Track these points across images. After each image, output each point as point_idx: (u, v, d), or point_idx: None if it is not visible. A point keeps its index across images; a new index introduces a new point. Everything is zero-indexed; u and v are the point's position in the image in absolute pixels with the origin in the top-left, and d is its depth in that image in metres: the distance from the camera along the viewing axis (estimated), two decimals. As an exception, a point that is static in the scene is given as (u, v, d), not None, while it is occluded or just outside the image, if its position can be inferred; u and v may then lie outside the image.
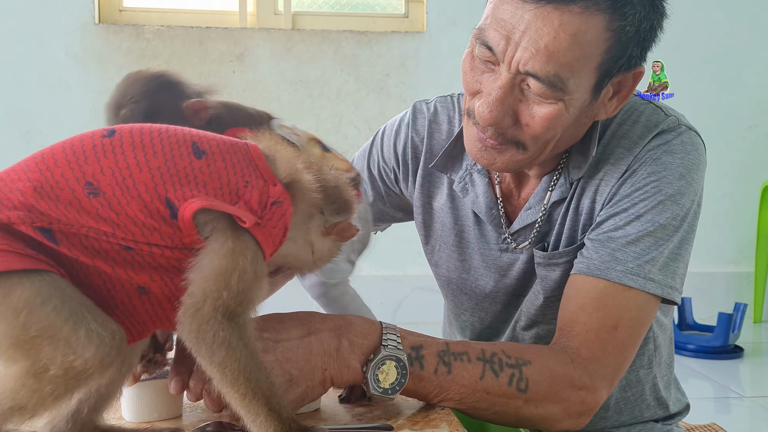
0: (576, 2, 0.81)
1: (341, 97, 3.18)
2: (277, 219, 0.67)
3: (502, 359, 0.83)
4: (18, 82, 3.02)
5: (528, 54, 0.82)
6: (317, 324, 0.77)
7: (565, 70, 0.82)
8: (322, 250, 0.75)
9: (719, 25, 3.32)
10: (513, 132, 0.89)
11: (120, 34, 3.04)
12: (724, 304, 3.17)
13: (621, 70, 0.87)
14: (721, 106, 3.34)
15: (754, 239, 3.34)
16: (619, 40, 0.84)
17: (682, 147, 0.94)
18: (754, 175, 3.36)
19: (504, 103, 0.86)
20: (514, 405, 0.83)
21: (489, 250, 1.07)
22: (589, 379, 0.86)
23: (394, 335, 0.79)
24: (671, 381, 1.14)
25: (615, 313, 0.88)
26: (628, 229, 0.91)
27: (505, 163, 0.92)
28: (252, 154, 0.68)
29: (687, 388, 1.22)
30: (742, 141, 3.38)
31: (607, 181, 0.95)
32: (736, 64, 3.35)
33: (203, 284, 0.63)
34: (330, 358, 0.75)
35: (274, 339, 0.74)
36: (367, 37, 3.16)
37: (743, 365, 2.81)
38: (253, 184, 0.66)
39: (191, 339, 0.63)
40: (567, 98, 0.85)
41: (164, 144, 0.65)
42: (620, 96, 0.91)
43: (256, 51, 3.11)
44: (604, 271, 0.90)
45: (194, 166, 0.64)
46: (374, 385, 0.76)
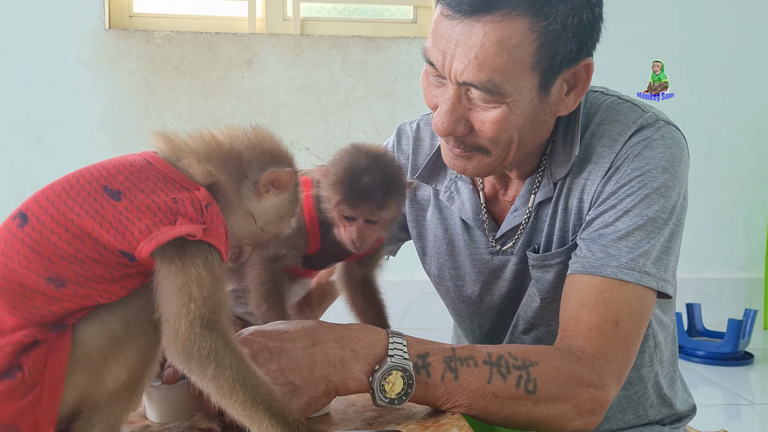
0: (494, 11, 0.85)
1: (349, 102, 3.18)
2: (216, 217, 0.68)
3: (509, 361, 0.83)
4: (29, 88, 3.04)
5: (462, 65, 0.87)
6: (323, 334, 0.78)
7: (497, 76, 0.86)
8: (266, 212, 0.75)
9: (728, 31, 3.31)
10: (472, 138, 0.93)
11: (130, 39, 3.06)
12: (734, 310, 3.15)
13: (562, 66, 0.90)
14: (730, 112, 3.32)
15: (764, 245, 3.32)
16: (546, 40, 0.87)
17: (662, 141, 0.96)
18: (764, 180, 3.35)
19: (454, 113, 0.91)
20: (524, 407, 0.83)
21: (479, 255, 1.09)
22: (597, 375, 0.87)
23: (401, 344, 0.79)
24: (676, 380, 1.14)
25: (615, 309, 0.89)
26: (618, 225, 0.93)
27: (475, 168, 0.96)
28: (160, 169, 0.70)
29: (697, 395, 1.22)
30: (752, 147, 3.37)
31: (592, 180, 0.97)
32: (745, 70, 3.34)
33: (169, 307, 0.64)
34: (334, 368, 0.76)
35: (279, 348, 0.75)
36: (376, 43, 3.17)
37: (753, 372, 2.79)
38: (181, 197, 0.68)
39: (180, 360, 0.65)
40: (509, 101, 0.89)
41: (82, 204, 0.66)
42: (577, 90, 0.94)
43: (265, 56, 3.12)
44: (599, 268, 0.91)
45: (119, 209, 0.66)
46: (380, 396, 0.77)
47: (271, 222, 0.76)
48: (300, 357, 0.75)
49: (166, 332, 0.65)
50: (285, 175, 0.74)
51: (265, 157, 0.74)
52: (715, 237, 3.34)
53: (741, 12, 3.30)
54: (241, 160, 0.73)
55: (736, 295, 3.38)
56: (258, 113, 3.13)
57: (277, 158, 0.76)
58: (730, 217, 3.38)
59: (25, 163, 3.05)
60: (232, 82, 3.11)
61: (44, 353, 0.64)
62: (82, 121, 3.05)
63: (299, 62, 3.14)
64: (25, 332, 0.64)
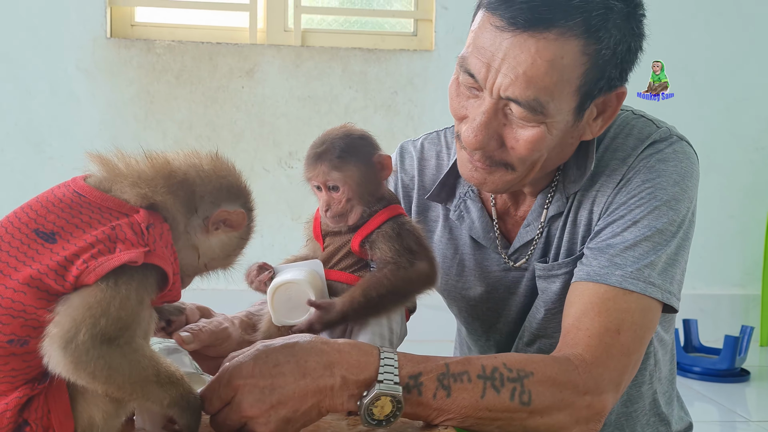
0: (551, 29, 0.84)
1: (349, 113, 3.19)
2: (160, 237, 0.67)
3: (503, 373, 0.82)
4: (29, 95, 3.05)
5: (508, 80, 0.85)
6: (313, 362, 0.77)
7: (544, 95, 0.86)
8: (212, 249, 0.73)
9: (726, 47, 3.33)
10: (500, 154, 0.92)
11: (131, 48, 3.07)
12: (731, 326, 3.15)
13: (601, 91, 0.89)
14: (727, 128, 3.34)
15: (760, 261, 3.32)
16: (595, 64, 0.86)
17: (674, 155, 0.96)
18: (761, 197, 3.35)
19: (488, 128, 0.89)
20: (519, 418, 0.83)
21: (492, 273, 1.08)
22: (594, 383, 0.86)
23: (392, 366, 0.78)
24: (673, 398, 1.13)
25: (617, 317, 0.89)
26: (626, 235, 0.92)
27: (495, 183, 0.95)
28: (92, 200, 0.67)
29: (693, 412, 1.21)
30: (749, 163, 3.38)
31: (603, 192, 0.97)
32: (743, 86, 3.35)
33: (73, 313, 0.62)
34: (324, 396, 0.76)
35: (270, 387, 0.75)
36: (376, 55, 3.18)
37: (750, 389, 2.79)
38: (119, 223, 0.66)
39: (68, 370, 0.63)
40: (549, 121, 0.88)
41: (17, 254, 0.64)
42: (605, 116, 0.94)
43: (266, 67, 3.13)
44: (604, 277, 0.91)
45: (55, 251, 0.64)
46: (367, 419, 0.77)
47: (216, 259, 0.75)
48: (291, 391, 0.75)
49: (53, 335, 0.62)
50: (237, 216, 0.73)
51: (219, 193, 0.72)
52: (712, 253, 3.34)
53: (739, 29, 3.32)
54: (193, 193, 0.71)
55: (732, 312, 3.38)
56: (257, 123, 3.14)
57: (233, 195, 0.73)
58: (727, 233, 3.39)
59: (25, 170, 3.06)
60: (233, 92, 3.12)
61: (43, 402, 0.64)
62: (81, 128, 3.06)
63: (299, 73, 3.15)
64: (18, 394, 0.64)
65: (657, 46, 3.65)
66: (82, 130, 3.06)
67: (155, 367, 0.67)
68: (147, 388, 0.66)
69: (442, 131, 1.17)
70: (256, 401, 0.74)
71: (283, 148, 3.17)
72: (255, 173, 3.14)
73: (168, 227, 0.68)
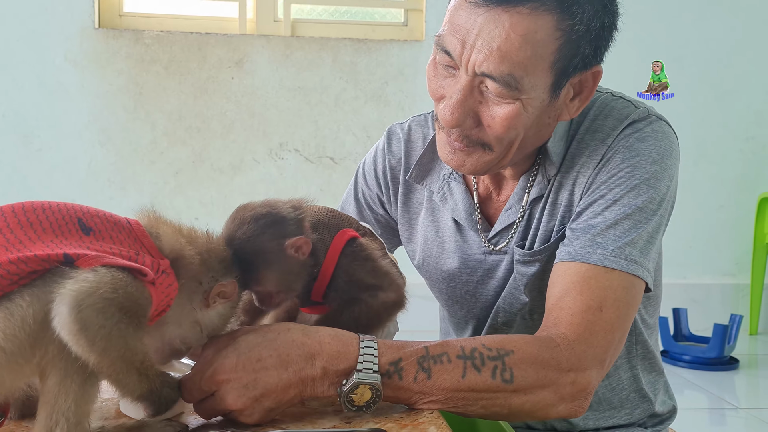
0: (524, 3, 0.84)
1: (339, 104, 3.18)
2: (166, 286, 0.70)
3: (483, 353, 0.82)
4: (17, 86, 3.02)
5: (482, 56, 0.85)
6: (294, 354, 0.77)
7: (518, 70, 0.86)
8: (213, 321, 0.77)
9: (717, 39, 3.33)
10: (477, 133, 0.92)
11: (119, 39, 3.05)
12: (721, 315, 3.17)
13: (576, 69, 0.90)
14: (718, 119, 3.35)
15: (750, 251, 3.34)
16: (569, 39, 0.87)
17: (653, 134, 0.96)
18: (750, 186, 3.37)
19: (465, 105, 0.89)
20: (502, 397, 0.83)
21: (472, 255, 1.09)
22: (577, 360, 0.86)
23: (372, 354, 0.79)
24: (660, 382, 1.14)
25: (599, 295, 0.89)
26: (607, 214, 0.93)
27: (473, 164, 0.95)
28: (136, 232, 0.71)
29: (682, 399, 1.22)
30: (739, 153, 3.39)
31: (584, 173, 0.97)
32: (733, 77, 3.36)
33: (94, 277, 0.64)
34: (305, 386, 0.78)
35: (253, 382, 0.75)
36: (366, 45, 3.17)
37: (739, 377, 2.81)
38: (143, 254, 0.70)
39: (71, 331, 0.62)
40: (524, 97, 0.88)
41: (51, 221, 0.67)
42: (582, 97, 0.94)
43: (255, 57, 3.12)
44: (585, 256, 0.91)
45: (84, 240, 0.67)
46: (347, 406, 0.78)
47: (216, 329, 0.79)
48: (274, 384, 0.76)
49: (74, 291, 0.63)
50: (231, 287, 0.76)
51: (218, 267, 0.76)
52: (703, 243, 3.36)
53: (730, 18, 3.33)
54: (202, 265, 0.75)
55: (722, 301, 3.40)
56: (247, 114, 3.13)
57: (226, 267, 0.77)
58: (717, 223, 3.40)
59: (13, 162, 3.04)
60: (222, 83, 3.11)
61: None
62: (70, 119, 3.04)
63: (289, 63, 3.14)
64: None
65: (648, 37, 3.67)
66: (71, 121, 3.05)
67: (143, 356, 0.68)
68: (130, 373, 0.67)
69: (429, 113, 1.18)
70: (240, 396, 0.75)
71: (274, 139, 3.16)
72: (245, 164, 3.13)
73: (177, 287, 0.72)
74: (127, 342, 0.66)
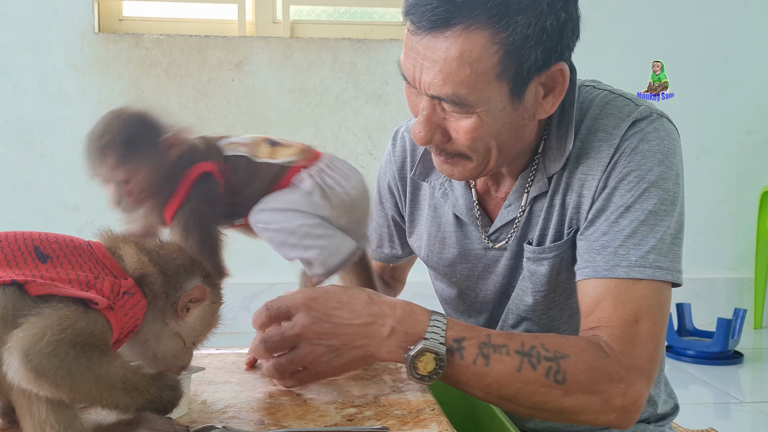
0: (452, 27, 0.86)
1: (339, 104, 3.19)
2: (129, 308, 0.69)
3: (541, 352, 0.86)
4: (18, 91, 3.03)
5: (428, 79, 0.89)
6: (367, 310, 0.85)
7: (462, 89, 0.88)
8: (193, 329, 0.76)
9: (716, 31, 3.33)
10: (451, 146, 0.95)
11: (119, 43, 3.06)
12: (724, 309, 3.17)
13: (532, 72, 0.90)
14: (719, 112, 3.34)
15: (753, 245, 3.34)
16: (509, 50, 0.87)
17: (656, 134, 0.97)
18: (752, 180, 3.36)
19: (430, 123, 0.92)
20: (554, 396, 0.86)
21: (473, 251, 1.10)
22: (625, 372, 0.88)
23: (440, 327, 0.85)
24: (661, 380, 1.14)
25: (632, 307, 0.91)
26: (622, 223, 0.94)
27: (462, 173, 0.98)
28: (97, 254, 0.71)
29: (686, 394, 1.23)
30: (741, 147, 3.39)
31: (593, 175, 0.97)
32: (733, 71, 3.36)
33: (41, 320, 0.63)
34: (373, 341, 0.84)
35: (327, 316, 0.84)
36: (365, 45, 3.18)
37: (743, 371, 2.80)
38: (103, 278, 0.69)
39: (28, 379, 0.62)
40: (479, 110, 0.90)
41: (6, 252, 0.67)
42: (555, 93, 0.94)
43: (255, 59, 3.13)
44: (611, 270, 0.92)
45: (39, 269, 0.66)
46: (412, 372, 0.84)
47: (202, 334, 0.78)
48: (345, 326, 0.84)
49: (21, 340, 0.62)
50: (199, 292, 0.75)
51: (179, 276, 0.75)
52: (705, 237, 3.35)
53: (728, 12, 3.33)
54: (164, 279, 0.74)
55: (726, 295, 3.40)
56: (248, 116, 3.14)
57: (188, 272, 0.76)
58: (719, 217, 3.40)
59: (16, 167, 3.05)
60: (222, 85, 3.12)
61: None
62: (71, 124, 3.05)
63: (289, 65, 3.14)
64: None
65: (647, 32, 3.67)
66: (73, 126, 3.05)
67: (122, 376, 0.67)
68: (114, 396, 0.66)
69: None
70: (313, 323, 0.83)
71: (275, 141, 3.16)
72: (247, 166, 3.13)
73: (145, 304, 0.71)
74: (95, 372, 0.64)
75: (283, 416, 0.80)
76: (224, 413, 0.81)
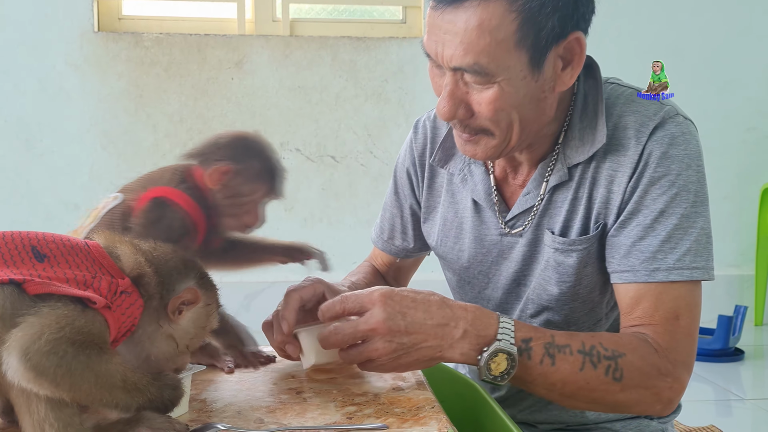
0: None
1: (339, 102, 3.19)
2: (126, 307, 0.70)
3: (600, 351, 0.92)
4: (18, 91, 3.03)
5: (450, 52, 0.92)
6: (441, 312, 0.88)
7: (482, 57, 0.91)
8: (186, 331, 0.76)
9: (717, 29, 3.32)
10: (474, 121, 0.97)
11: (119, 42, 3.06)
12: (725, 306, 3.16)
13: (550, 41, 0.93)
14: (719, 109, 3.34)
15: (754, 242, 3.33)
16: (527, 17, 0.91)
17: (683, 138, 1.01)
18: (753, 177, 3.36)
19: (454, 98, 0.95)
20: (611, 393, 0.92)
21: (488, 236, 1.12)
22: (672, 366, 0.94)
23: (509, 328, 0.89)
24: None
25: (672, 306, 0.96)
26: (657, 228, 0.98)
27: (484, 151, 1.00)
28: (94, 253, 0.71)
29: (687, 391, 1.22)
30: (741, 144, 3.38)
31: (622, 171, 1.00)
32: (733, 68, 3.35)
33: (40, 320, 0.63)
34: (446, 342, 0.87)
35: (402, 314, 0.85)
36: (365, 43, 3.17)
37: (744, 368, 2.80)
38: (100, 277, 0.69)
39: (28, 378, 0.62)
40: (500, 80, 0.93)
41: (3, 251, 0.67)
42: (573, 65, 0.98)
43: (255, 58, 3.12)
44: (651, 275, 0.97)
45: (37, 269, 0.67)
46: (486, 374, 0.87)
47: (196, 336, 0.77)
48: (420, 325, 0.86)
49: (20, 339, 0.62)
50: (190, 294, 0.75)
51: (171, 277, 0.75)
52: (706, 234, 3.34)
53: (728, 9, 3.32)
54: (159, 279, 0.74)
55: (727, 292, 3.39)
56: (248, 114, 3.13)
57: (182, 274, 0.76)
58: (720, 214, 3.39)
59: (16, 166, 3.05)
60: (222, 84, 3.11)
61: None
62: (71, 123, 3.05)
63: (289, 63, 3.14)
64: None
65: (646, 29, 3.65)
66: (73, 125, 3.05)
67: (122, 374, 0.67)
68: (114, 394, 0.66)
69: None
70: (388, 319, 0.84)
71: (274, 139, 3.15)
72: (247, 165, 3.13)
73: (142, 304, 0.71)
74: (94, 369, 0.64)
75: (282, 415, 0.80)
76: (224, 412, 0.81)
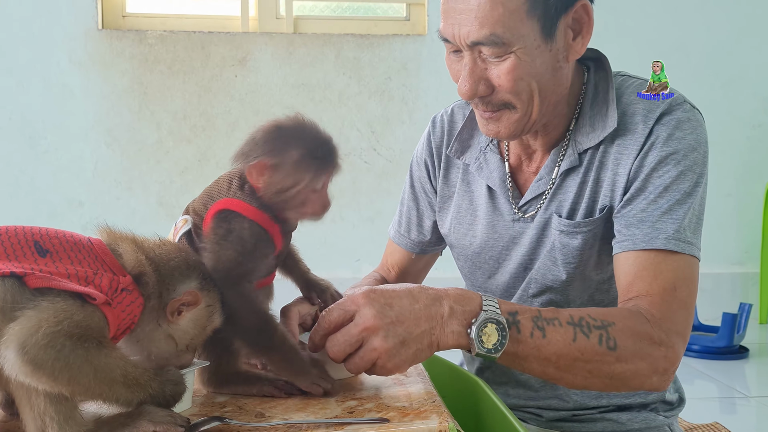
0: None
1: (343, 100, 3.18)
2: (127, 304, 0.70)
3: (590, 322, 0.91)
4: (22, 88, 3.04)
5: (466, 28, 0.97)
6: (423, 295, 0.87)
7: (498, 28, 0.96)
8: (185, 332, 0.76)
9: (721, 25, 3.31)
10: (495, 97, 1.01)
11: (123, 39, 3.06)
12: (730, 304, 3.16)
13: (559, 10, 0.98)
14: (724, 106, 3.33)
15: (759, 239, 3.32)
16: None
17: (689, 124, 1.04)
18: (758, 174, 3.35)
19: (474, 75, 1.00)
20: (607, 364, 0.91)
21: (502, 222, 1.15)
22: (666, 335, 0.94)
23: (493, 302, 0.88)
24: None
25: (670, 276, 0.97)
26: (661, 202, 1.00)
27: (507, 127, 1.04)
28: (96, 250, 0.72)
29: (692, 389, 1.23)
30: (746, 141, 3.37)
31: (628, 154, 1.04)
32: (738, 64, 3.34)
33: (38, 313, 0.63)
34: (436, 323, 0.85)
35: (389, 305, 0.84)
36: (369, 41, 3.17)
37: (749, 365, 2.79)
38: (102, 274, 0.69)
39: (25, 372, 0.62)
40: (515, 49, 0.97)
41: (6, 246, 0.67)
42: (582, 33, 1.02)
43: (258, 55, 3.12)
44: (650, 242, 0.98)
45: (39, 263, 0.67)
46: (479, 346, 0.85)
47: (196, 337, 0.77)
48: (408, 311, 0.84)
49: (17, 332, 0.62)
50: (191, 297, 0.75)
51: (173, 277, 0.74)
52: (711, 232, 3.33)
53: (733, 6, 3.31)
54: (159, 278, 0.73)
55: (731, 290, 3.38)
56: (252, 112, 3.13)
57: (184, 274, 0.76)
58: (725, 211, 3.38)
59: (20, 164, 3.05)
60: (226, 81, 3.12)
61: None
62: (75, 121, 3.06)
63: (292, 60, 3.14)
64: None
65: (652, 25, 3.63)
66: (77, 122, 3.06)
67: (123, 369, 0.67)
68: (114, 389, 0.66)
69: None
70: (377, 314, 0.83)
71: (278, 136, 3.16)
72: (250, 162, 3.13)
73: (142, 302, 0.71)
74: (93, 363, 0.64)
75: (284, 409, 0.80)
76: (225, 406, 0.81)
